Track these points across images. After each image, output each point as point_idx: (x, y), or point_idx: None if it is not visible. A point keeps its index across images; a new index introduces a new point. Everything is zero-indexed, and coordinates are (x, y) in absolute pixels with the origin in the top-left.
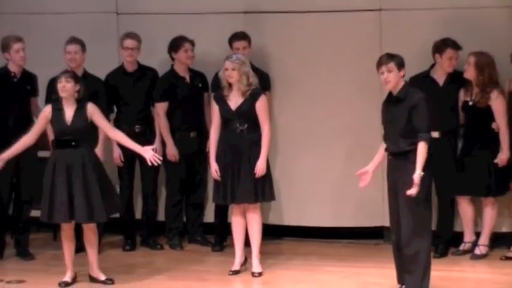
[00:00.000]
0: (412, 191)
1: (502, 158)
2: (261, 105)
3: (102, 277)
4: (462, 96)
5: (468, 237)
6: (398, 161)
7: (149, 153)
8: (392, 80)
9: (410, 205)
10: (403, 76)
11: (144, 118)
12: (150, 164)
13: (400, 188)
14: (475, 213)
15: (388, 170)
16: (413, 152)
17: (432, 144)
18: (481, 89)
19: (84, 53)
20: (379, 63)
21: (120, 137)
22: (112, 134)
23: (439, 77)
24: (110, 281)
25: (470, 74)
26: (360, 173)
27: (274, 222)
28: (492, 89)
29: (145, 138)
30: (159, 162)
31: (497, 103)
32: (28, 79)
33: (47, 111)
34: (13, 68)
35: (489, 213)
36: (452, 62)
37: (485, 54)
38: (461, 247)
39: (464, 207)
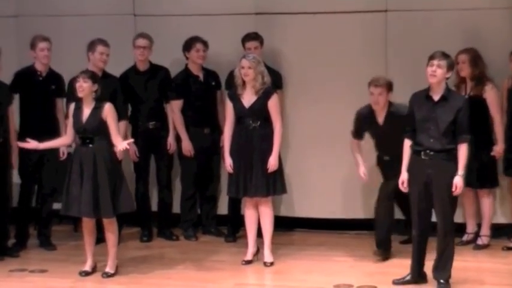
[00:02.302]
0: (457, 192)
1: (497, 150)
2: (273, 104)
3: (106, 269)
4: None
5: (470, 228)
6: (437, 158)
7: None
8: (439, 76)
9: (447, 203)
10: (448, 78)
11: (157, 115)
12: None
13: (439, 186)
14: (477, 205)
15: (417, 166)
16: (453, 150)
17: None
18: (477, 82)
19: None
20: (433, 57)
21: (118, 143)
22: (114, 139)
23: None
24: (105, 274)
25: (466, 71)
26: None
27: (285, 214)
28: (486, 81)
29: (159, 134)
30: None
31: (491, 94)
32: (54, 79)
33: (71, 109)
34: (39, 66)
35: (486, 203)
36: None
37: (472, 49)
38: (464, 238)
39: (466, 199)
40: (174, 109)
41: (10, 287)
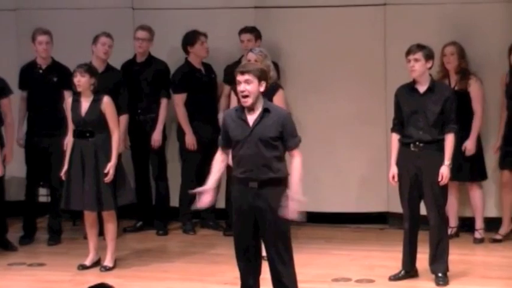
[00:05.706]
0: (444, 181)
1: (468, 148)
2: (278, 99)
3: (104, 263)
4: None
5: (453, 222)
6: (427, 149)
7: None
8: (418, 69)
9: (438, 195)
10: (430, 68)
11: (148, 108)
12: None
13: (431, 178)
14: (460, 200)
15: (407, 158)
16: (443, 141)
17: None
18: (462, 75)
19: None
20: (408, 52)
21: (114, 141)
22: (112, 134)
23: None
24: (103, 268)
25: (454, 63)
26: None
27: None
28: (470, 74)
29: (149, 127)
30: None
31: (475, 88)
32: (56, 71)
33: (68, 102)
34: (39, 60)
35: (477, 197)
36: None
37: (457, 43)
38: (449, 232)
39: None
40: (178, 103)
41: (9, 281)
